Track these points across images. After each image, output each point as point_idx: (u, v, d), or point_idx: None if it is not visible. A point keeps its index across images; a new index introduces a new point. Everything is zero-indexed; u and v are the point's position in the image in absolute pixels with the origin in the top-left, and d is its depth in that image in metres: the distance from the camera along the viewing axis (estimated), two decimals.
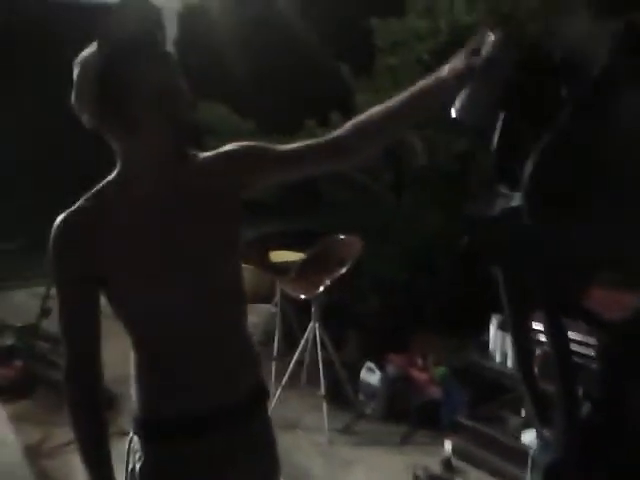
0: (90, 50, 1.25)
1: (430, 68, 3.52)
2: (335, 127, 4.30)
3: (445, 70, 1.24)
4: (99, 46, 1.23)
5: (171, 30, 4.80)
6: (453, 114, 1.21)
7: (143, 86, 1.21)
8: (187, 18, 5.70)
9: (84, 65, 1.24)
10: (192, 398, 1.31)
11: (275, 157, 1.38)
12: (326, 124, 4.14)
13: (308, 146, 1.38)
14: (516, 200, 1.13)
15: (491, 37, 1.18)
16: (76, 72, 1.25)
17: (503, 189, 1.17)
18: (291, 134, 4.48)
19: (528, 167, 1.06)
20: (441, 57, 3.56)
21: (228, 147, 1.39)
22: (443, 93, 1.24)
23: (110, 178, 1.31)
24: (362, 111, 4.02)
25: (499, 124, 1.20)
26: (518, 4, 2.96)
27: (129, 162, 1.28)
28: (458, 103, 1.20)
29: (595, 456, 1.14)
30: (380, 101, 3.83)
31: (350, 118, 4.07)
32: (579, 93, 1.01)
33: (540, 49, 1.17)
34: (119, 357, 1.40)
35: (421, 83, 1.29)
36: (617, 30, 0.99)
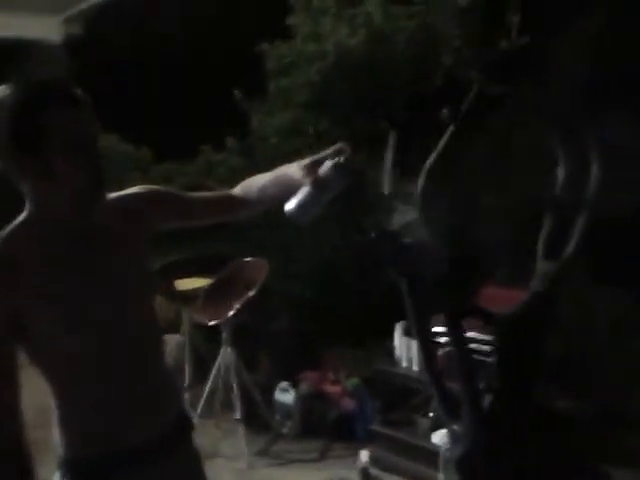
0: (1, 94, 1.22)
1: (319, 89, 3.63)
2: (231, 152, 4.32)
3: (291, 170, 1.40)
4: (13, 90, 1.21)
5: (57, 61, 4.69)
6: (286, 210, 1.36)
7: (56, 133, 1.20)
8: (71, 47, 5.57)
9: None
10: (118, 433, 1.30)
11: (180, 204, 1.48)
12: (222, 149, 4.18)
13: (209, 197, 1.54)
14: (410, 214, 1.23)
15: (329, 164, 1.33)
16: None
17: (399, 204, 1.27)
18: (187, 160, 4.48)
19: (419, 184, 1.15)
20: (329, 77, 3.69)
21: (137, 190, 1.43)
22: (290, 187, 1.38)
23: (18, 221, 1.28)
24: (257, 133, 4.06)
25: (390, 143, 1.30)
26: (397, 29, 3.14)
27: (40, 205, 1.27)
28: (292, 202, 1.36)
29: (500, 442, 1.24)
30: (274, 122, 3.88)
31: (245, 141, 4.12)
32: (456, 115, 1.12)
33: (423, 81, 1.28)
34: (26, 403, 1.35)
35: (274, 173, 1.46)
36: (484, 61, 1.10)
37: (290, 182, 1.38)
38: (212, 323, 3.46)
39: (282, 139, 3.70)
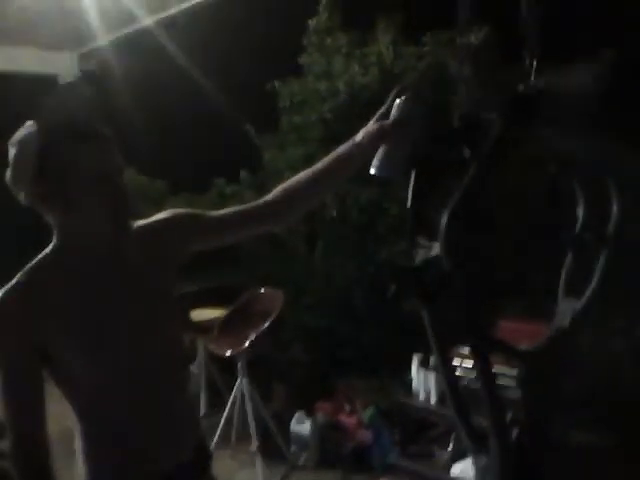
0: (27, 130, 1.27)
1: (332, 126, 3.70)
2: (244, 184, 4.38)
3: (360, 135, 1.37)
4: (38, 127, 1.25)
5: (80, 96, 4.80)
6: (372, 171, 1.34)
7: (81, 167, 1.24)
8: (87, 82, 5.69)
9: (22, 145, 1.25)
10: (140, 463, 1.33)
11: (209, 224, 1.45)
12: (235, 181, 4.25)
13: (240, 211, 1.47)
14: (434, 250, 1.26)
15: (397, 101, 1.33)
16: (12, 152, 1.27)
17: (421, 240, 1.31)
18: (201, 192, 4.55)
19: (443, 221, 1.19)
20: (342, 115, 3.76)
21: (164, 215, 1.44)
22: (360, 156, 1.37)
23: (47, 252, 1.32)
24: (269, 167, 4.14)
25: (411, 182, 1.34)
26: (408, 68, 3.21)
27: (67, 237, 1.30)
28: (376, 161, 1.33)
29: (528, 475, 1.26)
30: (286, 157, 3.97)
31: (257, 174, 4.18)
32: (480, 154, 1.17)
33: (442, 117, 1.33)
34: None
35: (339, 149, 1.42)
36: (507, 97, 1.15)
37: (358, 149, 1.35)
38: (228, 354, 3.48)
39: (294, 173, 3.76)
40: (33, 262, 1.31)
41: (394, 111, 1.33)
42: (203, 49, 4.53)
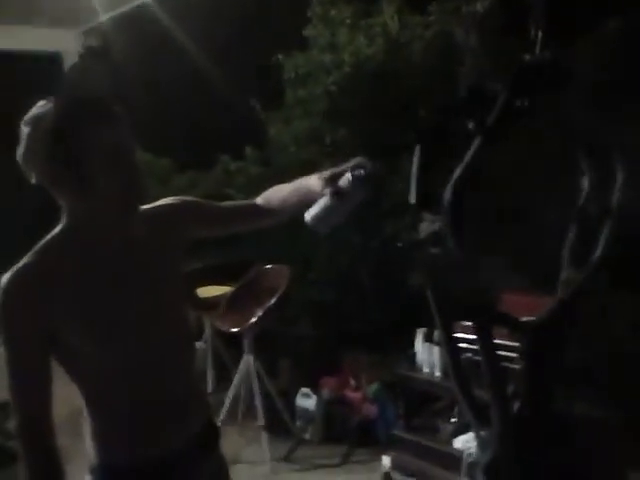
0: (41, 109, 1.25)
1: (336, 98, 3.65)
2: (250, 160, 4.35)
3: (310, 182, 1.43)
4: (54, 105, 1.24)
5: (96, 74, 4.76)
6: (306, 218, 1.41)
7: (97, 146, 1.23)
8: (89, 59, 5.65)
9: (36, 123, 1.24)
10: (150, 442, 1.34)
11: (212, 213, 1.52)
12: (241, 158, 4.23)
13: (235, 206, 1.59)
14: (439, 223, 1.25)
15: (349, 175, 1.38)
16: (26, 130, 1.25)
17: (426, 214, 1.29)
18: (206, 169, 4.53)
19: (446, 195, 1.18)
20: (347, 87, 3.72)
21: (169, 201, 1.46)
22: (310, 198, 1.43)
23: (56, 233, 1.31)
24: (274, 142, 4.09)
25: (416, 155, 1.33)
26: (414, 38, 3.17)
27: (78, 219, 1.30)
28: (312, 211, 1.41)
29: (529, 448, 1.26)
30: (291, 131, 3.92)
31: (263, 150, 4.14)
32: (483, 128, 1.15)
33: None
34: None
35: (299, 182, 1.49)
36: (510, 71, 1.13)
37: (310, 193, 1.42)
38: (234, 330, 3.50)
39: (300, 148, 3.74)
40: (42, 243, 1.30)
41: (343, 181, 1.38)
42: (206, 24, 4.48)
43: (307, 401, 3.61)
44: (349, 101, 3.39)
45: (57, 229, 1.32)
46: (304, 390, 3.65)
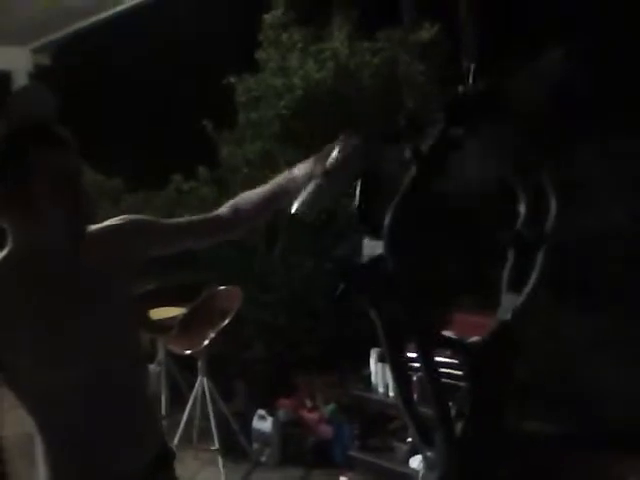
0: None
1: (288, 122, 3.69)
2: (202, 180, 4.35)
3: (297, 170, 1.42)
4: (0, 129, 1.23)
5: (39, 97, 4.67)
6: (293, 209, 1.36)
7: (41, 169, 1.22)
8: (40, 77, 5.57)
9: None
10: (102, 466, 1.32)
11: (164, 231, 1.48)
12: (193, 178, 4.22)
13: (192, 222, 1.52)
14: (380, 248, 1.28)
15: (339, 150, 1.35)
16: None
17: (368, 239, 1.32)
18: (158, 189, 4.50)
19: (386, 220, 1.20)
20: (298, 110, 3.76)
21: (117, 221, 1.43)
22: (295, 189, 1.40)
23: (0, 258, 1.29)
24: (227, 163, 4.11)
25: (359, 183, 1.35)
26: (363, 64, 3.23)
27: (23, 241, 1.28)
28: (299, 200, 1.35)
29: (473, 469, 1.28)
30: (243, 153, 3.93)
31: (215, 170, 4.14)
32: (421, 154, 1.18)
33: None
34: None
35: (278, 179, 1.48)
36: (447, 101, 1.17)
37: (287, 191, 1.40)
38: (187, 352, 3.46)
39: (252, 169, 3.76)
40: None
41: (332, 158, 1.35)
42: (159, 44, 4.48)
43: (263, 423, 3.59)
44: (300, 124, 3.43)
45: (1, 254, 1.29)
46: (260, 412, 3.62)
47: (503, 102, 1.21)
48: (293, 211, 1.36)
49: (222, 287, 3.66)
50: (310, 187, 1.34)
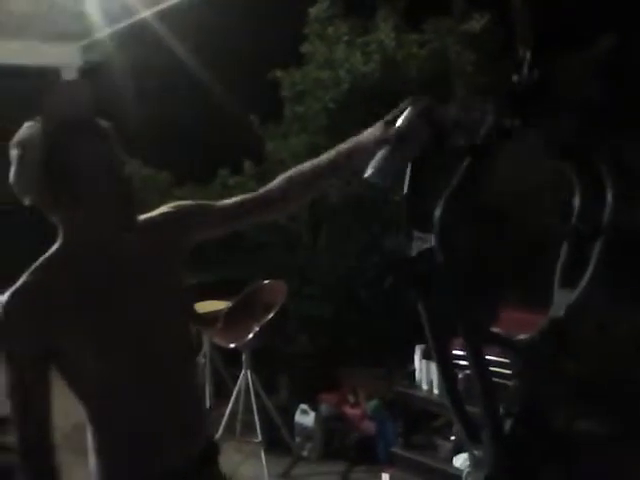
0: (29, 130, 1.26)
1: (334, 115, 3.68)
2: (248, 174, 4.39)
3: (364, 135, 1.37)
4: (43, 126, 1.25)
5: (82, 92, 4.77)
6: (367, 175, 1.30)
7: (87, 164, 1.24)
8: (89, 74, 5.69)
9: (25, 146, 1.25)
10: (154, 458, 1.33)
11: (214, 213, 1.47)
12: (239, 172, 4.24)
13: (244, 200, 1.47)
14: (429, 241, 1.25)
15: (408, 112, 1.29)
16: (15, 153, 1.26)
17: (417, 232, 1.29)
18: (205, 184, 4.54)
19: (437, 213, 1.18)
20: (344, 103, 3.75)
21: (167, 209, 1.44)
22: (361, 156, 1.36)
23: (52, 251, 1.32)
24: (272, 157, 4.14)
25: (408, 173, 1.33)
26: (410, 56, 3.18)
27: (73, 236, 1.30)
28: (372, 166, 1.30)
29: (522, 468, 1.25)
30: (289, 147, 3.96)
31: (261, 165, 4.18)
32: (474, 146, 1.15)
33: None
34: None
35: (342, 146, 1.42)
36: (498, 94, 1.13)
37: (358, 151, 1.35)
38: (232, 346, 3.48)
39: (298, 163, 3.74)
40: (39, 262, 1.30)
41: (401, 121, 1.30)
42: (205, 39, 4.51)
43: (306, 418, 3.59)
44: (347, 117, 3.40)
45: (54, 248, 1.32)
46: (303, 406, 3.62)
47: (558, 91, 1.16)
48: (366, 176, 1.29)
49: (266, 281, 3.67)
50: (382, 153, 1.28)
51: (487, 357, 1.27)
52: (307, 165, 1.46)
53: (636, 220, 1.29)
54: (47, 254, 1.32)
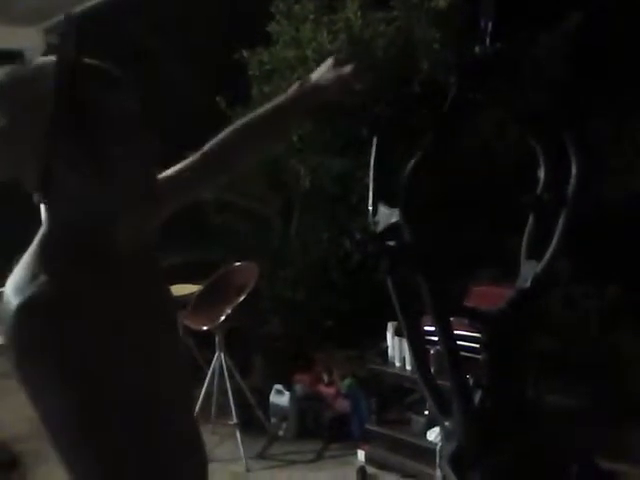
0: (25, 71, 0.94)
1: None
2: None
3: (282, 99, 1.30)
4: (57, 64, 0.93)
5: None
6: None
7: (121, 115, 0.94)
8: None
9: (24, 89, 0.92)
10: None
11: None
12: None
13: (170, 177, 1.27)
14: (395, 216, 1.25)
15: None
16: (12, 91, 0.91)
17: (383, 207, 1.29)
18: (172, 164, 4.48)
19: (401, 186, 1.18)
20: None
21: None
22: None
23: (62, 239, 0.97)
24: None
25: (373, 149, 1.32)
26: (377, 34, 3.17)
27: (90, 217, 0.97)
28: None
29: (491, 437, 1.27)
30: None
31: None
32: (437, 118, 1.15)
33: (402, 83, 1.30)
34: (15, 416, 1.34)
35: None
36: (459, 66, 1.13)
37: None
38: (204, 328, 3.47)
39: None
40: (55, 264, 0.93)
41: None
42: (169, 20, 4.43)
43: (281, 398, 3.60)
44: None
45: (58, 234, 0.97)
46: (277, 387, 3.64)
47: (521, 63, 1.17)
48: None
49: (238, 263, 3.66)
50: None
51: (455, 331, 1.28)
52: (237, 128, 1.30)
53: (600, 194, 1.30)
54: (60, 252, 0.95)
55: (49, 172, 0.92)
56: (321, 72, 1.25)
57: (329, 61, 1.25)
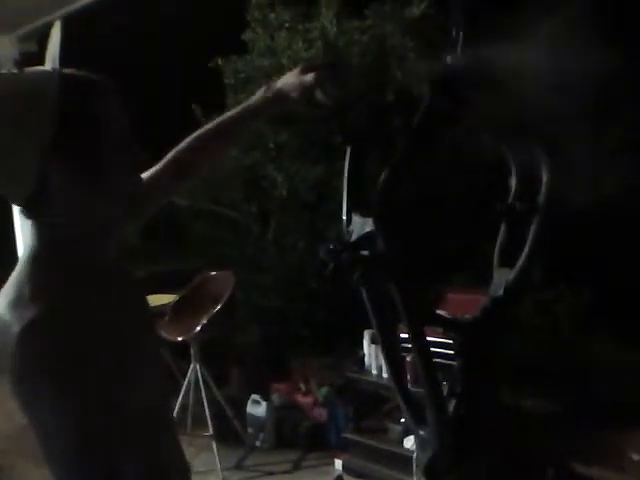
0: (38, 74, 0.98)
1: None
2: None
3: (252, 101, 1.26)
4: (57, 75, 0.96)
5: None
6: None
7: (114, 123, 0.98)
8: (27, 65, 5.49)
9: (35, 91, 0.94)
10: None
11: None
12: None
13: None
14: (369, 225, 1.25)
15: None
16: (6, 106, 0.93)
17: (357, 216, 1.29)
18: None
19: (375, 196, 1.17)
20: None
21: None
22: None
23: (65, 261, 0.97)
24: None
25: (347, 157, 1.32)
26: (351, 42, 3.19)
27: (80, 230, 0.98)
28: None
29: (467, 445, 1.27)
30: None
31: None
32: (411, 128, 1.15)
33: (375, 90, 1.30)
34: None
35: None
36: (433, 72, 1.13)
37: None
38: (180, 339, 3.44)
39: (242, 153, 3.71)
40: (46, 283, 0.93)
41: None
42: (144, 28, 4.41)
43: (257, 408, 3.58)
44: None
45: (48, 251, 0.96)
46: (254, 397, 3.61)
47: (492, 72, 1.17)
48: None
49: (214, 272, 3.63)
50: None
51: (429, 338, 1.28)
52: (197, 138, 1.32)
53: (570, 201, 1.32)
54: (52, 267, 0.95)
55: (42, 187, 0.92)
56: (287, 78, 1.24)
57: (299, 67, 1.25)
